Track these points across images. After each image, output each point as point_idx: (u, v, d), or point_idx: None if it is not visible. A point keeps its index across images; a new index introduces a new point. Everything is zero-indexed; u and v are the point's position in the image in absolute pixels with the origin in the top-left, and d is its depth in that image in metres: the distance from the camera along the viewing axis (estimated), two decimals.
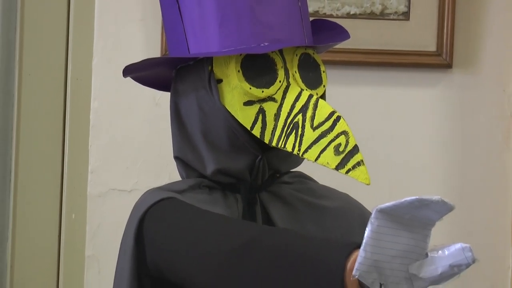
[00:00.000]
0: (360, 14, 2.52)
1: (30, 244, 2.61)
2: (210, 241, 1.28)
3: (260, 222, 1.48)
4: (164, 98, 1.56)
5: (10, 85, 2.61)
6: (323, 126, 1.40)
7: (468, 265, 1.02)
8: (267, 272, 1.16)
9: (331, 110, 1.40)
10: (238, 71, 1.44)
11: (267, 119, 1.45)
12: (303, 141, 1.40)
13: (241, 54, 1.44)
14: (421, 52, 2.56)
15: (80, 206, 2.54)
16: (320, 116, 1.41)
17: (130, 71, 1.54)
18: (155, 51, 2.45)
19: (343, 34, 1.56)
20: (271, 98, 1.45)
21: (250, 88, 1.44)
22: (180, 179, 1.56)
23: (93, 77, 2.51)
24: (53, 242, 2.62)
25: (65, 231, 2.59)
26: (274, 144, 1.44)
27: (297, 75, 1.46)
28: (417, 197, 1.02)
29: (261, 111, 1.45)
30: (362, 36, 2.49)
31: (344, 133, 1.38)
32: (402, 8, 2.54)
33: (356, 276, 1.03)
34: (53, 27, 2.61)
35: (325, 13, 2.48)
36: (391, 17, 2.53)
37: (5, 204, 2.63)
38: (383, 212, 1.04)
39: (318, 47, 1.53)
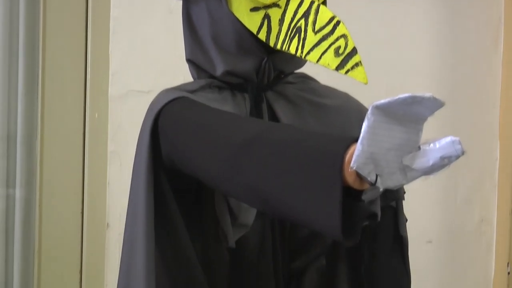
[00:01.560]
0: None
1: (57, 140, 2.62)
2: (220, 135, 1.28)
3: (266, 119, 1.49)
4: (177, 6, 1.54)
5: None
6: (324, 30, 1.38)
7: (457, 157, 1.01)
8: (272, 163, 1.16)
9: (331, 15, 1.39)
10: None
11: (272, 24, 1.43)
12: (305, 44, 1.38)
13: None
14: None
15: (102, 106, 2.55)
16: (321, 21, 1.39)
17: None
18: None
19: None
20: (275, 5, 1.44)
21: None
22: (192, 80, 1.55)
23: None
24: (79, 139, 2.62)
25: (89, 129, 2.60)
26: (278, 47, 1.43)
27: None
28: (410, 94, 1.02)
29: (267, 17, 1.44)
30: None
31: (344, 36, 1.37)
32: None
33: (354, 168, 1.03)
34: None
35: None
36: None
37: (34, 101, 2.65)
38: (379, 108, 1.03)
39: None
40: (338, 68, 1.35)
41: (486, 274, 2.73)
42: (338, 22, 1.38)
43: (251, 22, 1.44)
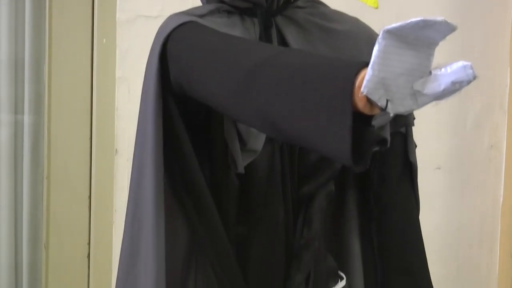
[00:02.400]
0: None
1: (65, 66, 2.62)
2: (229, 60, 1.27)
3: (275, 44, 1.47)
4: None
5: None
6: None
7: (469, 82, 1.00)
8: (281, 87, 1.15)
9: None
10: None
11: None
12: None
13: None
14: None
15: (110, 32, 2.53)
16: None
17: None
18: None
19: None
20: None
21: None
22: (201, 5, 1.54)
23: None
24: (87, 64, 2.62)
25: (97, 54, 2.59)
26: None
27: None
28: (422, 18, 1.00)
29: None
30: None
31: None
32: None
33: (364, 93, 1.02)
34: None
35: None
36: None
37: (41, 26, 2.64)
38: (390, 32, 1.02)
39: None
40: None
41: (494, 200, 2.74)
42: None
43: None
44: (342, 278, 1.62)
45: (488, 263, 2.64)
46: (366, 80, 1.02)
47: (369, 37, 1.52)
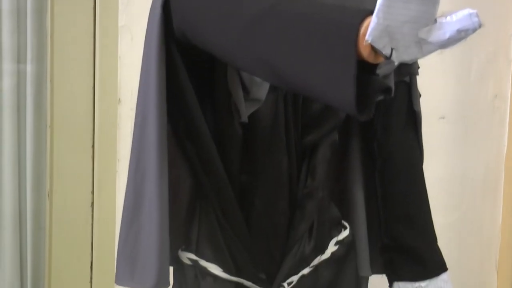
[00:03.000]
0: None
1: (67, 14, 2.60)
2: (232, 6, 1.26)
3: None
4: None
5: None
6: None
7: (474, 30, 1.00)
8: (285, 35, 1.14)
9: None
10: None
11: None
12: None
13: None
14: None
15: None
16: None
17: None
18: None
19: None
20: None
21: None
22: None
23: None
24: (89, 12, 2.60)
25: (99, 2, 2.57)
26: None
27: None
28: None
29: None
30: None
31: None
32: None
33: (369, 41, 1.02)
34: None
35: None
36: None
37: None
38: None
39: None
40: None
41: (498, 149, 2.74)
42: None
43: None
44: (345, 228, 1.63)
45: (491, 212, 2.65)
46: (370, 28, 1.01)
47: None
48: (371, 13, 1.03)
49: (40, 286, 2.80)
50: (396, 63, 1.04)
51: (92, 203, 2.71)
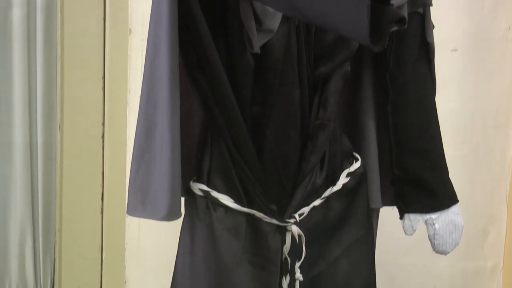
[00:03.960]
0: None
1: None
2: None
3: None
4: None
5: None
6: None
7: None
8: None
9: None
10: None
11: None
12: None
13: None
14: None
15: None
16: None
17: None
18: None
19: None
20: None
21: None
22: None
23: None
24: None
25: None
26: None
27: None
28: None
29: None
30: None
31: None
32: None
33: None
34: None
35: None
36: None
37: None
38: None
39: None
40: None
41: (511, 81, 2.72)
42: None
43: None
44: (357, 159, 1.64)
45: (502, 145, 2.64)
46: None
47: None
48: None
49: (51, 218, 2.83)
50: None
51: (103, 134, 2.72)
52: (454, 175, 1.68)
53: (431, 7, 1.62)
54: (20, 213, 2.82)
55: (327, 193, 1.57)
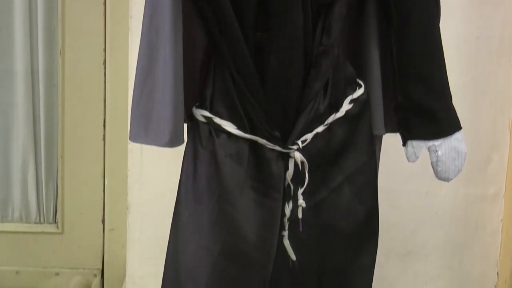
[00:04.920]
0: None
1: None
2: None
3: None
4: None
5: None
6: None
7: None
8: None
9: None
10: None
11: None
12: None
13: None
14: None
15: None
16: None
17: None
18: None
19: None
20: None
21: None
22: None
23: None
24: None
25: None
26: None
27: None
28: None
29: None
30: None
31: None
32: None
33: None
34: None
35: None
36: None
37: None
38: None
39: None
40: None
41: None
42: None
43: None
44: (360, 86, 1.63)
45: (506, 72, 2.63)
46: None
47: None
48: None
49: (53, 145, 2.84)
50: None
51: (105, 60, 2.71)
52: (458, 102, 1.67)
53: None
54: (22, 140, 2.83)
55: (330, 119, 1.58)
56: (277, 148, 1.54)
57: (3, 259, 2.85)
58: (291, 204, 1.56)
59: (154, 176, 2.54)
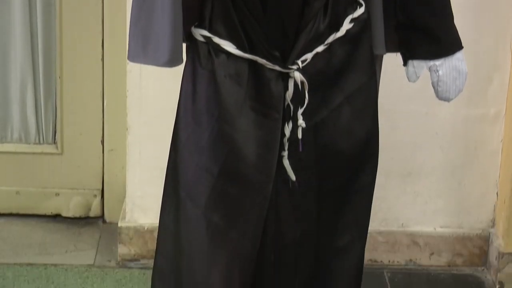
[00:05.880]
0: None
1: None
2: None
3: None
4: None
5: None
6: None
7: None
8: None
9: None
10: None
11: None
12: None
13: None
14: None
15: None
16: None
17: None
18: None
19: None
20: None
21: None
22: None
23: None
24: None
25: None
26: None
27: None
28: None
29: None
30: None
31: None
32: None
33: None
34: None
35: None
36: None
37: None
38: None
39: None
40: None
41: None
42: None
43: None
44: (361, 5, 1.62)
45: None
46: None
47: None
48: None
49: (52, 65, 2.83)
50: None
51: None
52: (459, 22, 1.66)
53: None
54: (20, 60, 2.82)
55: (331, 39, 1.57)
56: (277, 68, 1.54)
57: (3, 180, 2.87)
58: (290, 124, 1.57)
59: (153, 97, 2.54)
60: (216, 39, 1.54)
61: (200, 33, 1.55)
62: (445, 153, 2.66)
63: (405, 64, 1.66)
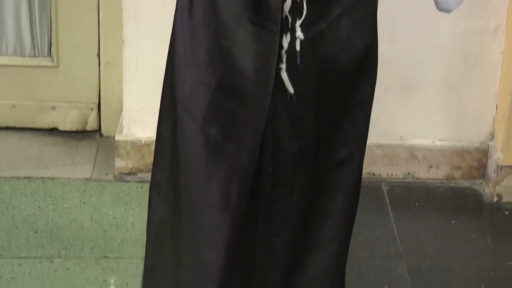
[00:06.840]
0: None
1: None
2: None
3: None
4: None
5: None
6: None
7: None
8: None
9: None
10: None
11: None
12: None
13: None
14: None
15: None
16: None
17: None
18: None
19: None
20: None
21: None
22: None
23: None
24: None
25: None
26: None
27: None
28: None
29: None
30: None
31: None
32: None
33: None
34: None
35: None
36: None
37: None
38: None
39: None
40: None
41: None
42: None
43: None
44: None
45: None
46: None
47: None
48: None
49: None
50: None
51: None
52: None
53: None
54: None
55: None
56: None
57: None
58: (289, 36, 1.56)
59: (149, 10, 2.52)
60: None
61: None
62: (444, 67, 2.65)
63: None
